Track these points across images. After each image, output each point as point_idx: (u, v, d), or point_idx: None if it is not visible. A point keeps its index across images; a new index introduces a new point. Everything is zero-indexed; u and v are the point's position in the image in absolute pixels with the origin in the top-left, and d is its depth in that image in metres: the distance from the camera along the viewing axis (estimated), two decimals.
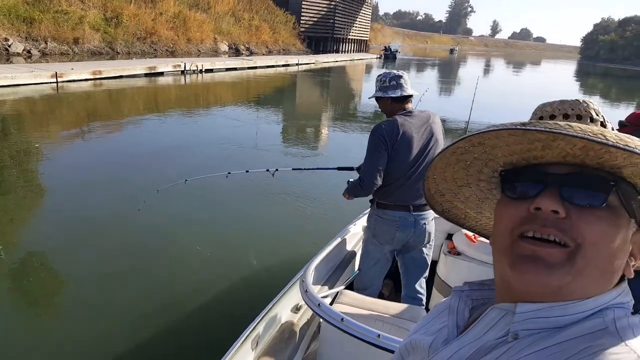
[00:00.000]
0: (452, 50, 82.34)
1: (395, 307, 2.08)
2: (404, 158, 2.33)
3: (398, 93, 2.38)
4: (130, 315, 3.31)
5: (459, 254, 2.81)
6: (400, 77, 2.39)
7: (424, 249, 2.50)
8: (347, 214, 3.52)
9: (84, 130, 9.33)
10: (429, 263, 2.54)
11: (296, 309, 2.23)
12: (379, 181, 2.33)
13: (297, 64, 30.06)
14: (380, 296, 2.63)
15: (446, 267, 2.85)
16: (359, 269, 2.59)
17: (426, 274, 2.58)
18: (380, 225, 2.43)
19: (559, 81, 37.99)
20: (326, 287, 2.35)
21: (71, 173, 6.50)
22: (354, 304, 2.05)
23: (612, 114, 20.90)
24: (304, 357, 2.06)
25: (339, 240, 2.66)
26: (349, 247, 2.81)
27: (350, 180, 2.58)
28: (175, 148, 8.12)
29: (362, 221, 2.99)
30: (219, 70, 21.89)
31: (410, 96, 2.43)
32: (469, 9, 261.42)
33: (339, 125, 12.28)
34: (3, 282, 3.72)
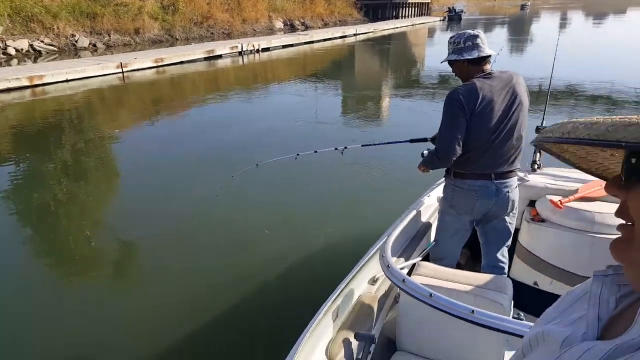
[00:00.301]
0: (523, 6, 76.32)
1: (478, 278, 1.94)
2: (485, 125, 2.17)
3: (475, 54, 2.22)
4: (212, 292, 3.47)
5: (543, 220, 2.65)
6: (477, 36, 2.24)
7: (506, 217, 2.38)
8: (419, 185, 3.46)
9: (152, 117, 9.49)
10: (512, 232, 2.44)
11: (373, 281, 2.20)
12: (458, 151, 2.19)
13: (354, 34, 29.04)
14: (457, 266, 2.56)
15: (529, 235, 2.71)
16: (435, 240, 2.53)
17: (509, 242, 2.48)
18: (458, 195, 2.33)
19: None
20: (402, 259, 2.28)
21: (144, 158, 6.70)
22: (433, 275, 1.96)
23: None
24: (383, 327, 2.05)
25: (413, 212, 2.57)
26: (424, 219, 2.73)
27: (425, 152, 2.47)
28: (241, 129, 8.12)
29: (437, 192, 2.91)
30: (276, 48, 21.56)
31: (489, 56, 2.26)
32: None
33: (403, 95, 11.46)
34: (89, 258, 4.07)
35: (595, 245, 2.36)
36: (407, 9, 50.67)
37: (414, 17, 50.76)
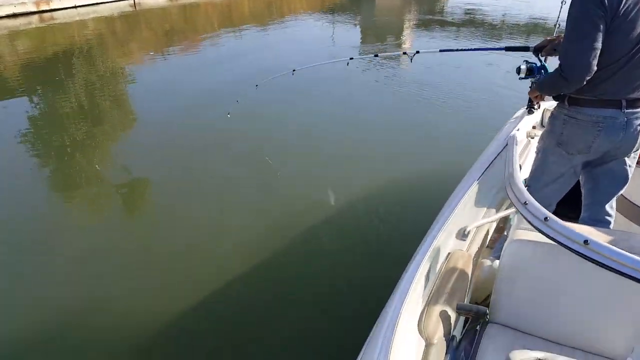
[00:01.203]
0: None
1: (608, 231, 1.48)
2: (625, 33, 1.61)
3: None
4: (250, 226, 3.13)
5: None
6: None
7: (626, 159, 1.86)
8: (499, 112, 2.97)
9: (163, 49, 9.04)
10: (630, 177, 1.91)
11: (463, 234, 1.73)
12: (594, 67, 1.63)
13: None
14: None
15: (634, 182, 2.14)
16: (527, 185, 1.97)
17: (623, 191, 1.96)
18: (572, 129, 1.81)
19: None
20: (484, 208, 1.89)
21: (161, 85, 6.51)
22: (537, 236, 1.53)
23: None
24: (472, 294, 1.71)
25: (497, 148, 2.05)
26: (513, 157, 2.20)
27: (523, 66, 1.99)
28: (257, 56, 7.67)
29: (526, 123, 2.43)
30: None
31: None
32: None
33: (426, 31, 10.82)
34: (103, 195, 3.79)
35: None
36: None
37: None
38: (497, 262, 1.80)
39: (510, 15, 12.62)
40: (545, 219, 1.33)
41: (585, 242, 1.22)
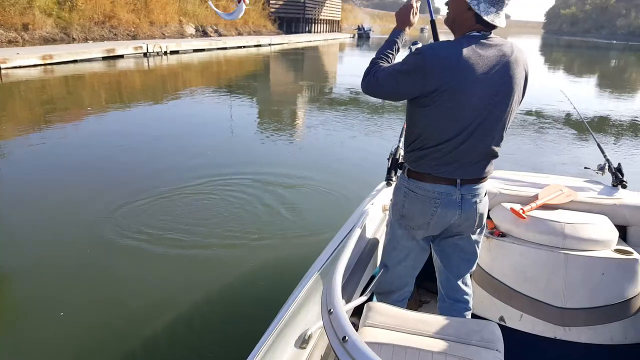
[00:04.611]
0: (422, 29, 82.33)
1: (459, 326, 1.46)
2: (458, 112, 1.55)
3: (491, 15, 1.53)
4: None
5: (503, 235, 2.20)
6: None
7: (472, 235, 1.81)
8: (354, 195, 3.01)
9: (31, 126, 7.99)
10: (479, 254, 1.87)
11: (303, 341, 1.36)
12: (386, 93, 1.65)
13: (269, 44, 28.70)
14: None
15: (489, 254, 2.19)
16: (383, 266, 1.90)
17: (474, 268, 1.90)
18: (412, 202, 1.73)
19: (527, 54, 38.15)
20: (343, 301, 1.61)
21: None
22: (392, 325, 1.44)
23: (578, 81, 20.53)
24: None
25: (357, 231, 1.87)
26: (368, 234, 2.07)
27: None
28: (140, 146, 7.03)
29: (384, 195, 2.35)
30: (186, 51, 20.46)
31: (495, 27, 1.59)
32: None
33: (318, 108, 11.23)
34: None
35: (570, 263, 1.98)
36: (319, 24, 52.13)
37: (326, 32, 52.16)
38: None
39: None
40: (344, 338, 1.14)
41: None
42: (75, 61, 14.83)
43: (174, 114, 9.16)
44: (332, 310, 1.26)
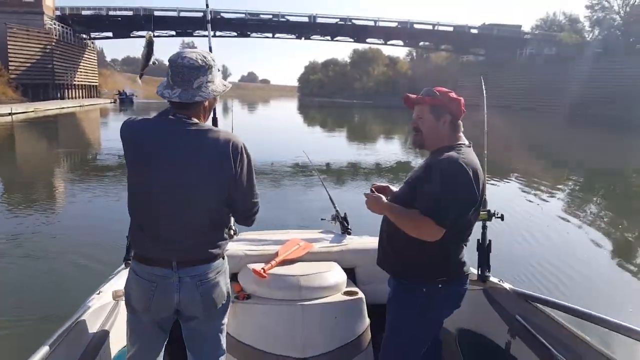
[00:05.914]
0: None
1: None
2: (153, 187, 1.57)
3: (175, 96, 1.55)
4: None
5: (249, 297, 2.19)
6: (191, 68, 1.54)
7: (209, 319, 1.71)
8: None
9: None
10: (222, 336, 1.78)
11: None
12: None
13: (10, 114, 25.45)
14: None
15: (236, 320, 2.11)
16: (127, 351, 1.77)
17: (222, 354, 1.80)
18: (135, 285, 1.64)
19: (288, 113, 43.73)
20: None
21: None
22: None
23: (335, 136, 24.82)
24: None
25: (76, 319, 1.75)
26: (94, 328, 1.87)
27: None
28: None
29: (119, 279, 2.12)
30: None
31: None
32: None
33: (80, 179, 10.90)
34: None
35: (307, 313, 2.07)
36: (74, 90, 48.36)
37: (82, 98, 48.72)
38: None
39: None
40: None
41: None
42: None
43: None
44: None
